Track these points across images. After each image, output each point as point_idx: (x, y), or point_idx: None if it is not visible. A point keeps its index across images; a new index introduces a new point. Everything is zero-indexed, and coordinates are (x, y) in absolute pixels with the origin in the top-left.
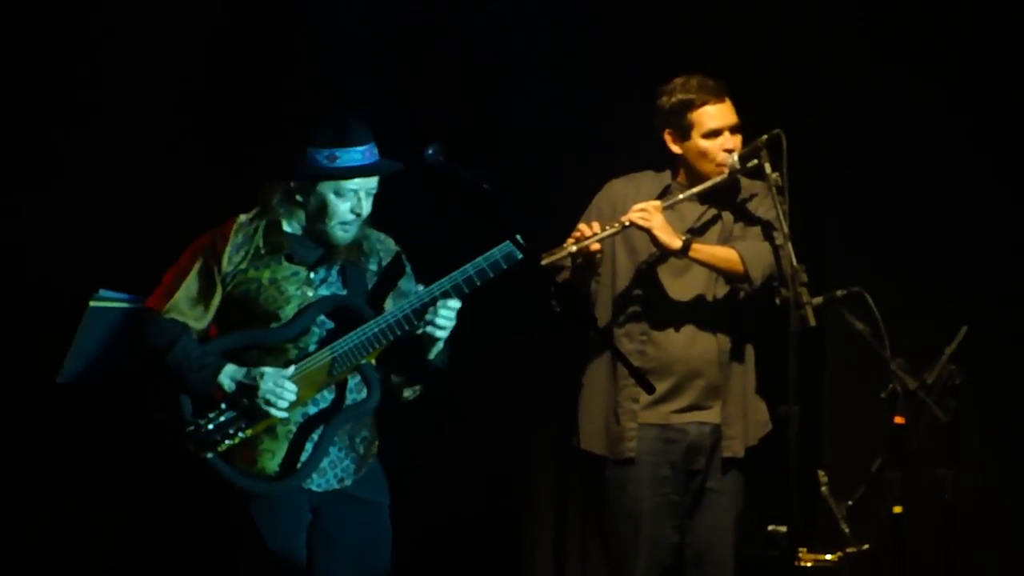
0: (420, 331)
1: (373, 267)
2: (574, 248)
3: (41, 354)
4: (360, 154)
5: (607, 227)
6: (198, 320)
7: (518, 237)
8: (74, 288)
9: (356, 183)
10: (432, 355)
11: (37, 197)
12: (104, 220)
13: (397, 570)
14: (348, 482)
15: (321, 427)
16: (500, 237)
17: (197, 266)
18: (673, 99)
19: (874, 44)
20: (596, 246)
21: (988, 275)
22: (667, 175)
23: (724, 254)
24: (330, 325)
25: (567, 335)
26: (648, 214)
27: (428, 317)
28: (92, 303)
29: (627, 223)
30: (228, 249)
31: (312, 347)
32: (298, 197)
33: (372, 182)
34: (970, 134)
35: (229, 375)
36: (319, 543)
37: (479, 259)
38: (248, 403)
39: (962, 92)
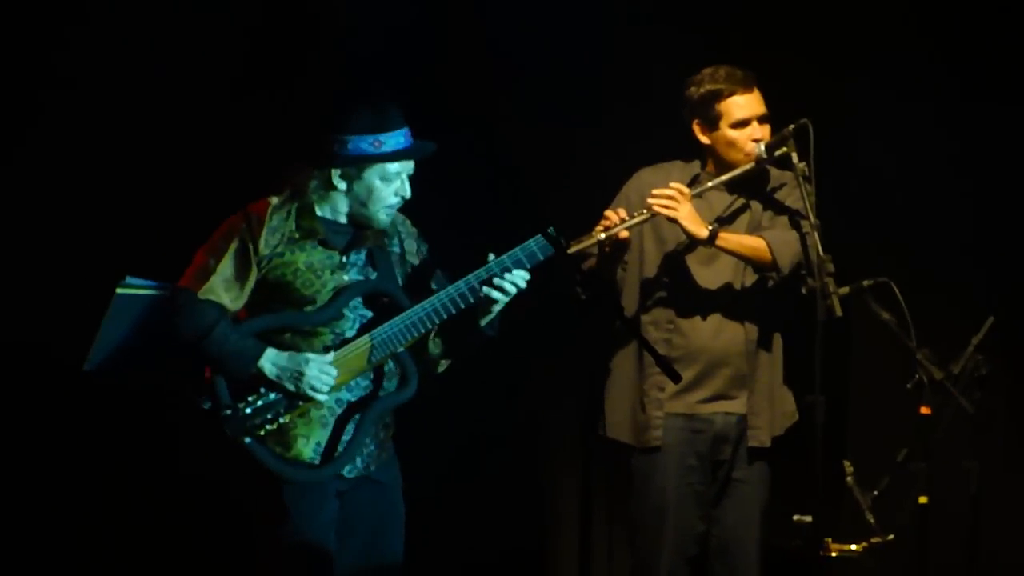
0: (477, 297)
1: (396, 248)
2: (603, 236)
3: (68, 342)
4: (402, 137)
5: (635, 215)
6: (233, 302)
7: (551, 230)
8: (101, 275)
9: (399, 166)
10: (484, 322)
11: (62, 184)
12: (130, 207)
13: (424, 560)
14: (372, 467)
15: (357, 414)
16: (533, 229)
17: (233, 247)
18: (702, 89)
19: (901, 32)
20: (625, 234)
21: (1015, 265)
22: (696, 165)
23: (752, 243)
24: (364, 310)
25: (592, 323)
26: (675, 202)
27: (496, 282)
28: (119, 290)
29: (655, 211)
30: (264, 232)
31: (348, 332)
32: (340, 184)
33: (411, 164)
34: (999, 122)
35: (271, 360)
36: (341, 527)
37: (516, 250)
38: (293, 388)
39: (989, 79)
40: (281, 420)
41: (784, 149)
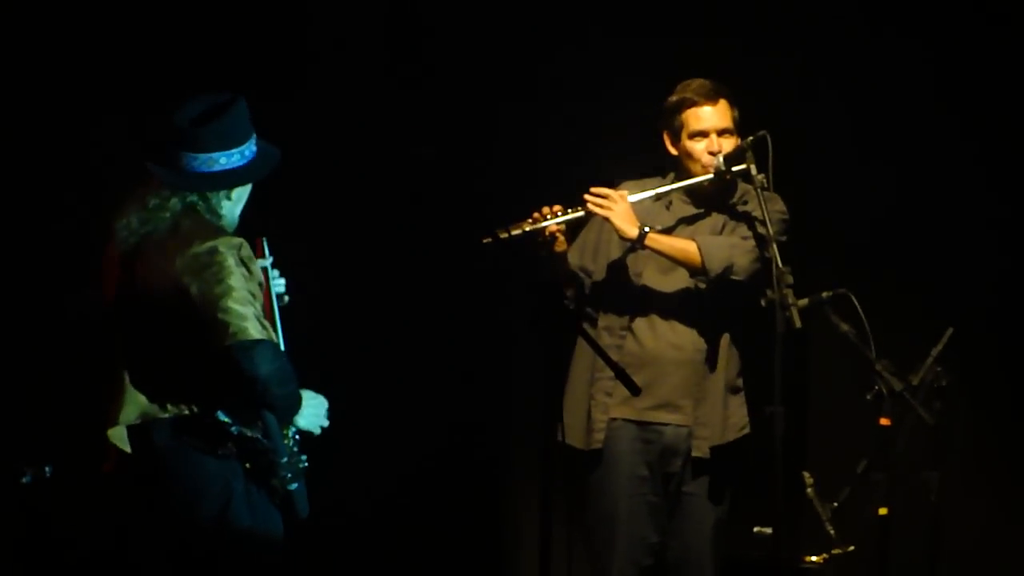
0: None
1: None
2: (527, 228)
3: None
4: (255, 138)
5: (568, 211)
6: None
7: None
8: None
9: None
10: None
11: None
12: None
13: (382, 566)
14: None
15: None
16: None
17: (250, 282)
18: (671, 100)
19: (860, 39)
20: (553, 228)
21: (974, 277)
22: (671, 177)
23: (682, 245)
24: None
25: (547, 331)
26: (611, 201)
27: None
28: None
29: (589, 210)
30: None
31: None
32: (236, 195)
33: None
34: (958, 134)
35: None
36: None
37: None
38: (318, 430)
39: (951, 90)
40: (305, 460)
41: (744, 164)
